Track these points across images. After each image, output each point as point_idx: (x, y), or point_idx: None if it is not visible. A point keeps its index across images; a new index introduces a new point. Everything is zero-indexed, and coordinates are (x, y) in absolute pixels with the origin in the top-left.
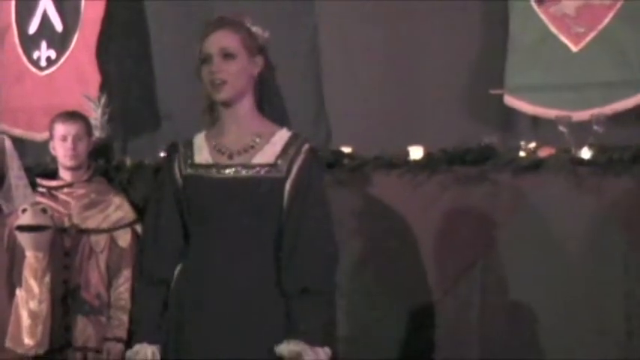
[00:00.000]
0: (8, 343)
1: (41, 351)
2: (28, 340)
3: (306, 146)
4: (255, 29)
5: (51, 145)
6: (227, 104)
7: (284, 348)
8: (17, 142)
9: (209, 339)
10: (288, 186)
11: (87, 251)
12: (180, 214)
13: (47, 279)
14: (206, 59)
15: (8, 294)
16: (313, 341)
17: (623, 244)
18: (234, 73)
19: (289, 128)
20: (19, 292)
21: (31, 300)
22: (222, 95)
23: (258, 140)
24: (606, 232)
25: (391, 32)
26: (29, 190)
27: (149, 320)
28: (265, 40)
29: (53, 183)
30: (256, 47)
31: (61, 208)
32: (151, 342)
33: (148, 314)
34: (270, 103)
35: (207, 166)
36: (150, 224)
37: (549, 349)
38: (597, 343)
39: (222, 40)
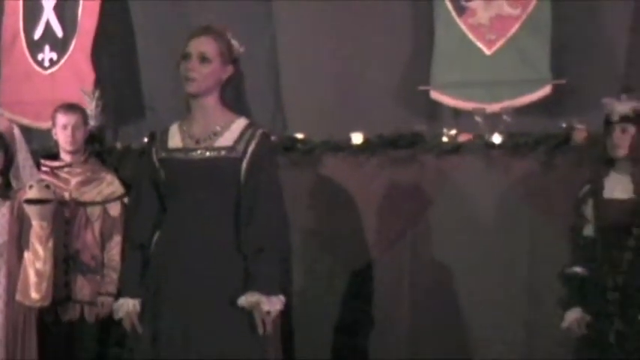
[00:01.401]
0: (18, 297)
1: (45, 303)
2: (34, 295)
3: (259, 131)
4: (233, 42)
5: (53, 131)
6: (194, 97)
7: (244, 299)
8: (25, 130)
9: (182, 293)
10: (244, 164)
11: (84, 220)
12: (157, 191)
13: (50, 244)
14: (186, 56)
15: (18, 256)
16: (269, 292)
17: (528, 213)
18: (205, 75)
19: (248, 118)
20: (27, 255)
21: (37, 261)
22: (190, 89)
23: (219, 128)
24: (514, 204)
25: (337, 36)
26: (35, 169)
27: (131, 278)
28: (239, 53)
29: (55, 163)
30: (230, 57)
31: (61, 185)
32: (133, 296)
33: (130, 274)
34: (235, 102)
35: (179, 150)
36: (132, 200)
37: (466, 303)
38: (505, 293)
39: (203, 45)
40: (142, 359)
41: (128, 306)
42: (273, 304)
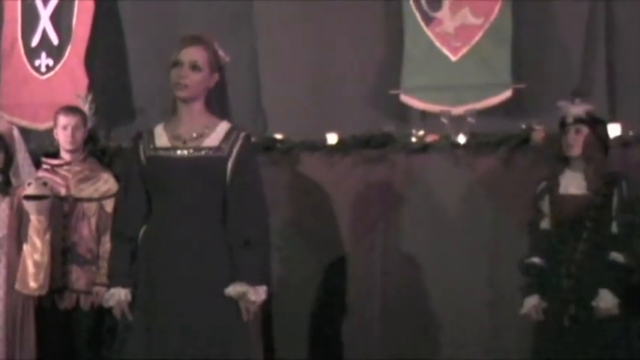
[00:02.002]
0: (17, 286)
1: (43, 292)
2: (33, 284)
3: (242, 134)
4: (220, 52)
5: (55, 132)
6: (184, 101)
7: (231, 289)
8: (23, 130)
9: (170, 284)
10: (230, 164)
11: (81, 215)
12: (144, 187)
13: (47, 237)
14: (177, 64)
15: (17, 248)
16: (255, 283)
17: (490, 208)
18: (196, 81)
19: (230, 121)
20: (26, 247)
21: (35, 253)
22: (182, 94)
23: (206, 130)
24: (477, 199)
25: (314, 43)
26: (33, 168)
27: (121, 269)
28: (225, 62)
29: (55, 161)
30: (217, 66)
31: (61, 181)
32: (124, 286)
33: (120, 265)
34: (219, 107)
35: (166, 149)
36: (121, 196)
37: (434, 290)
38: (469, 281)
39: (194, 53)
40: (134, 346)
41: (120, 295)
42: (258, 295)
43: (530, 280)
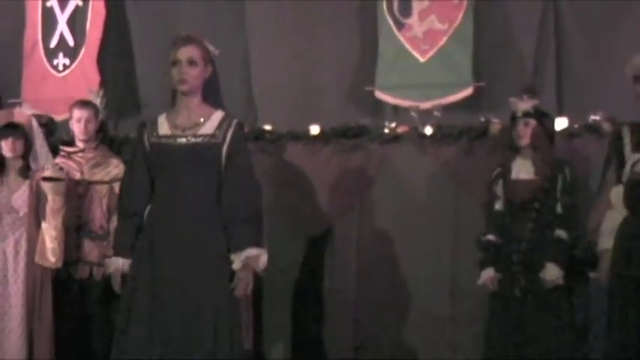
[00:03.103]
0: (37, 259)
1: (59, 264)
2: (50, 258)
3: (235, 121)
4: (209, 47)
5: (70, 123)
6: (185, 94)
7: (245, 254)
8: (52, 122)
9: (171, 255)
10: (224, 148)
11: (94, 196)
12: (148, 170)
13: (62, 215)
14: (176, 62)
15: (36, 225)
16: (262, 247)
17: (452, 191)
18: (194, 75)
19: (223, 110)
20: (44, 224)
21: (51, 230)
22: (184, 88)
23: (202, 119)
24: (441, 183)
25: (301, 44)
26: (50, 154)
27: (123, 242)
28: (215, 55)
29: (71, 149)
30: (209, 59)
31: (75, 166)
32: (124, 257)
33: (123, 238)
34: (213, 95)
35: (168, 137)
36: (125, 177)
37: (403, 262)
38: (434, 255)
39: (189, 51)
40: (139, 311)
41: (118, 264)
42: (262, 261)
43: (486, 255)
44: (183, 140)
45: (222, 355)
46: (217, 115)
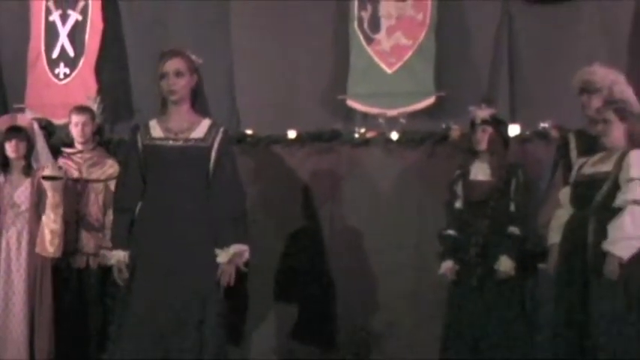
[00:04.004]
0: (37, 249)
1: (58, 254)
2: (50, 249)
3: (222, 128)
4: (194, 58)
5: (70, 126)
6: (175, 103)
7: (231, 249)
8: (51, 125)
9: (161, 250)
10: (213, 152)
11: (90, 193)
12: (140, 170)
13: (60, 210)
14: (164, 75)
15: (36, 219)
16: (241, 242)
17: (416, 190)
18: (181, 85)
19: (211, 118)
20: (44, 218)
21: (51, 223)
22: (174, 98)
23: (193, 125)
24: (406, 183)
25: (280, 56)
26: (49, 154)
27: (121, 235)
28: (199, 64)
29: (71, 150)
30: (194, 69)
31: (74, 166)
32: (123, 249)
33: (120, 232)
34: (200, 102)
35: (160, 139)
36: (121, 176)
37: (370, 255)
38: (399, 248)
39: (175, 64)
40: (137, 293)
41: (119, 256)
42: (242, 250)
43: (446, 248)
44: (175, 143)
45: (211, 325)
46: (206, 122)
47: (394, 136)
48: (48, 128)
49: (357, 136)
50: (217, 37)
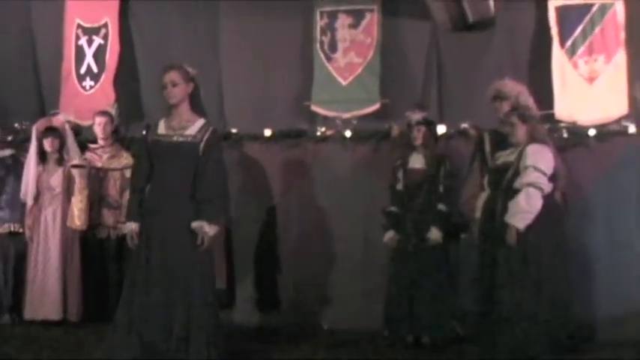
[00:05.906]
0: (68, 223)
1: (84, 227)
2: (78, 223)
3: (211, 128)
4: (189, 69)
5: (94, 127)
6: (173, 107)
7: (196, 224)
8: (75, 125)
9: (159, 219)
10: (201, 146)
11: (110, 179)
12: (149, 159)
13: (86, 192)
14: (164, 86)
15: (67, 200)
16: (210, 221)
17: (366, 177)
18: (177, 93)
19: (205, 118)
20: (73, 199)
21: (78, 202)
22: (172, 102)
23: (188, 124)
24: (358, 171)
25: (259, 70)
26: (77, 149)
27: (134, 210)
28: (194, 73)
29: (95, 145)
30: (189, 78)
31: (97, 158)
32: (135, 221)
33: (133, 207)
34: (196, 105)
35: (163, 135)
36: (135, 164)
37: (330, 230)
38: (353, 223)
39: (171, 76)
40: (138, 262)
41: (132, 227)
42: (211, 229)
43: (388, 221)
44: (174, 139)
45: (198, 290)
46: (200, 122)
47: (348, 134)
48: (76, 129)
49: (319, 134)
50: (209, 54)
